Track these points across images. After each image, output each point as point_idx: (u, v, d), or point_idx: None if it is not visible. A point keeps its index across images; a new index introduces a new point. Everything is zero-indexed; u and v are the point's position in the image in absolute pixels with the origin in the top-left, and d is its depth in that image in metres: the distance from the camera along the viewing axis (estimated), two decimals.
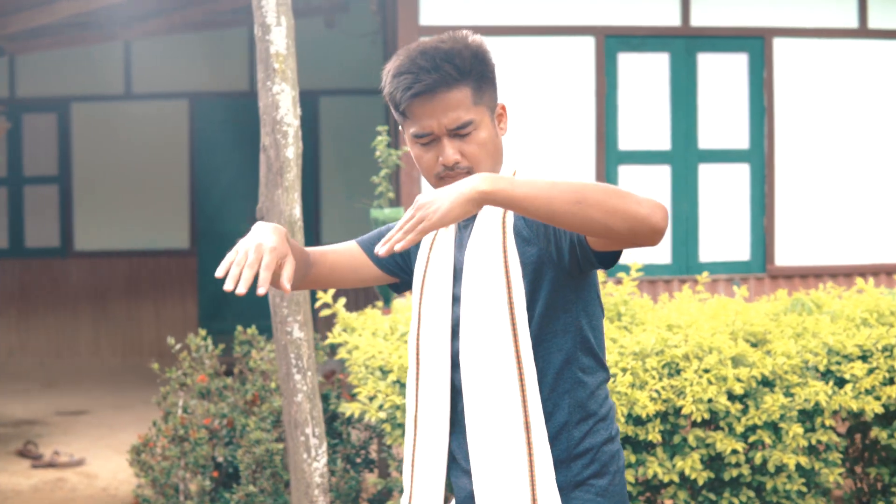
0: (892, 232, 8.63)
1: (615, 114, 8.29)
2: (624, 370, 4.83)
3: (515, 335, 2.48)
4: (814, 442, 4.98)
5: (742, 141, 8.46)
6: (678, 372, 4.90)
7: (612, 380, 4.37)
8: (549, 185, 2.25)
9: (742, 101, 8.45)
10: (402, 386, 4.88)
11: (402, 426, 4.89)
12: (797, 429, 4.88)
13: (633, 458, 4.86)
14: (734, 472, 4.93)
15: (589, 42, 8.22)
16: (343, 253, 2.75)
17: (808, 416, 5.04)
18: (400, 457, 5.27)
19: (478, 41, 2.56)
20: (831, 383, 4.99)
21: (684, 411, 4.78)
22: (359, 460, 5.49)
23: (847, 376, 4.98)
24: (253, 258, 2.29)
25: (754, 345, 5.14)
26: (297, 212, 4.51)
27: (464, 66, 2.50)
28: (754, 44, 8.43)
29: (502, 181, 2.26)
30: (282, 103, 4.40)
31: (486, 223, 2.53)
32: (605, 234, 2.27)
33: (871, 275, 8.45)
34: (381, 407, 4.88)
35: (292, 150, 4.46)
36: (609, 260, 2.42)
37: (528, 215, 2.29)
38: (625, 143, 8.35)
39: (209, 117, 11.98)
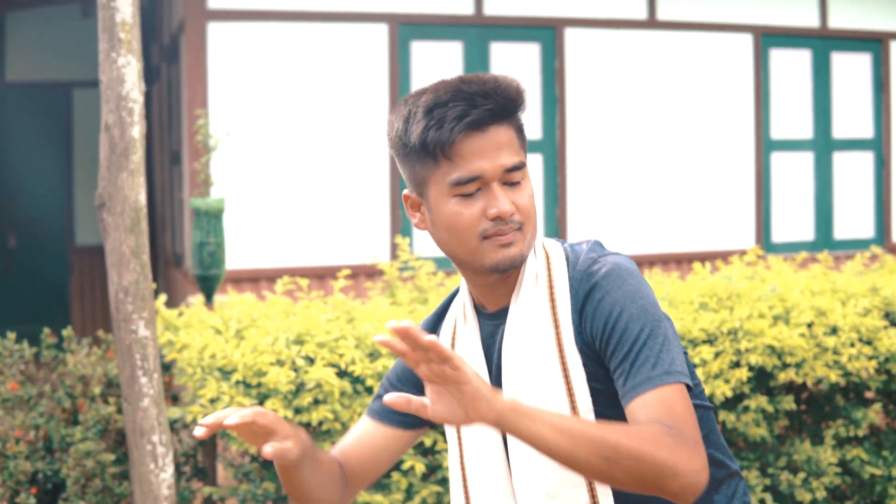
0: (680, 221, 8.77)
1: None
2: None
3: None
4: None
5: (535, 131, 8.41)
6: None
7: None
8: (578, 430, 1.81)
9: (534, 91, 8.40)
10: (248, 386, 4.53)
11: None
12: None
13: None
14: None
15: (382, 29, 7.99)
16: (361, 441, 2.24)
17: None
18: (238, 462, 4.92)
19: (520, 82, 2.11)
20: None
21: None
22: (188, 469, 5.09)
23: (696, 361, 4.94)
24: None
25: None
26: (143, 198, 4.10)
27: (517, 99, 2.04)
28: (546, 34, 8.40)
29: (527, 417, 1.79)
30: (127, 77, 3.98)
31: (535, 338, 2.07)
32: (625, 490, 1.88)
33: (661, 264, 8.57)
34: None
35: (138, 129, 4.05)
36: None
37: (544, 454, 1.83)
38: None
39: None
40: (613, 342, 1.96)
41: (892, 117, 9.48)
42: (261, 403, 4.49)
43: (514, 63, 8.32)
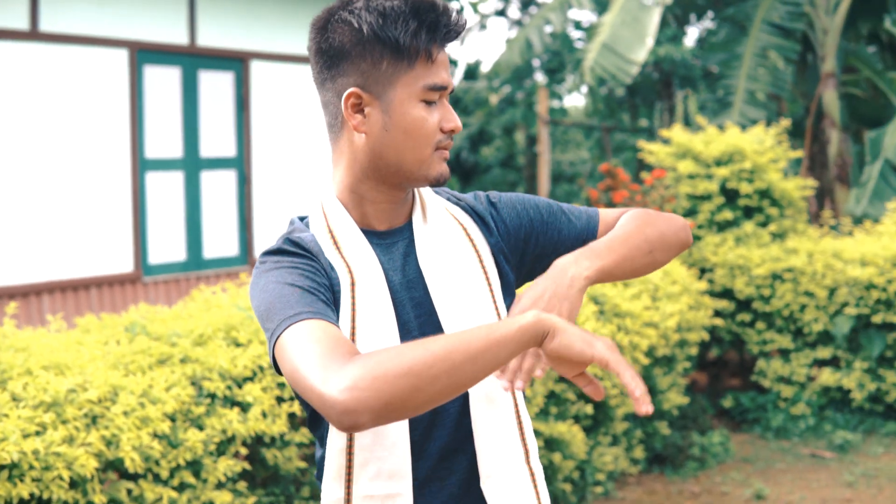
0: (63, 246, 8.20)
1: None
2: (44, 426, 4.05)
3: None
4: (230, 474, 4.65)
5: None
6: (94, 420, 4.25)
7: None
8: (625, 244, 2.14)
9: None
10: None
11: None
12: (226, 461, 4.53)
13: None
14: None
15: None
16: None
17: (218, 448, 4.69)
18: None
19: None
20: (237, 410, 4.69)
21: (127, 464, 4.16)
22: None
23: (250, 399, 4.72)
24: None
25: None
26: None
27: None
28: None
29: (597, 258, 2.08)
30: None
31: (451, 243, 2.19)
32: (654, 270, 2.22)
33: (49, 293, 7.96)
34: None
35: None
36: None
37: (614, 279, 2.11)
38: None
39: None
40: (543, 210, 2.26)
41: (252, 136, 9.63)
42: None
43: None
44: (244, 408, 4.76)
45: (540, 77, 21.35)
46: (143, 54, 8.74)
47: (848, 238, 8.82)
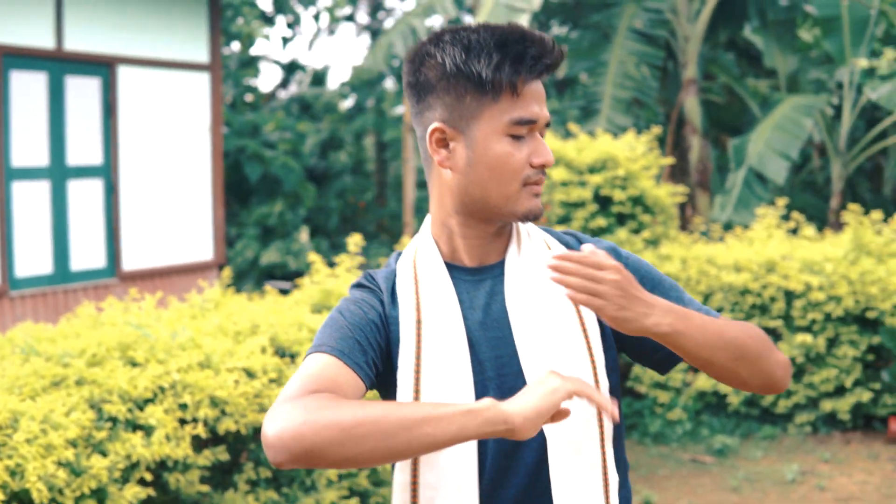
0: None
1: None
2: None
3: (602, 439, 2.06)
4: (135, 501, 4.46)
5: None
6: None
7: None
8: (717, 333, 1.96)
9: None
10: None
11: None
12: (133, 488, 4.34)
13: None
14: None
15: None
16: (338, 379, 1.94)
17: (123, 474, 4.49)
18: None
19: None
20: (140, 433, 4.51)
21: (34, 495, 3.95)
22: None
23: (153, 421, 4.53)
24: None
25: None
26: None
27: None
28: None
29: (681, 320, 1.92)
30: None
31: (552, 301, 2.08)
32: (737, 386, 2.04)
33: None
34: None
35: None
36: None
37: (680, 354, 1.97)
38: None
39: None
40: (659, 292, 2.11)
41: (119, 143, 9.33)
42: None
43: None
44: (147, 431, 4.57)
45: (390, 84, 21.30)
46: (10, 59, 8.39)
47: (720, 244, 8.96)
